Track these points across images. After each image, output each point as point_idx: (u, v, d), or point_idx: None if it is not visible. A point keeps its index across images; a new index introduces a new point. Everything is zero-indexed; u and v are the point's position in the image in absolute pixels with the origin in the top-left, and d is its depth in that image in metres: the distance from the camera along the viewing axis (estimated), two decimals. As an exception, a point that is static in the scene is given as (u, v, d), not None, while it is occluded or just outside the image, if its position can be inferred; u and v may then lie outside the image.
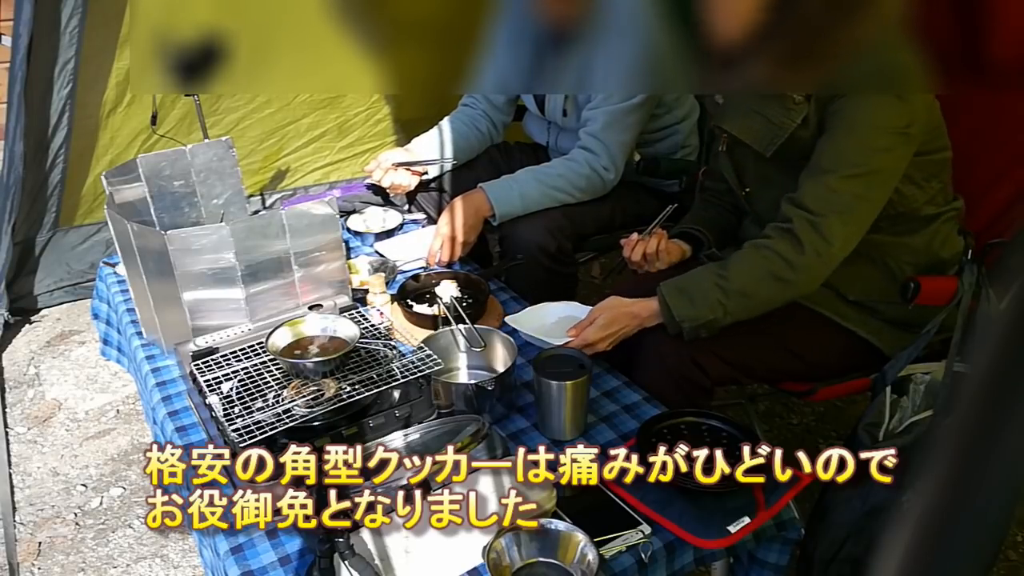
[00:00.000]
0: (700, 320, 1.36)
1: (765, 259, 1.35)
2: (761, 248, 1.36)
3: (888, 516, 1.21)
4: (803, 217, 1.33)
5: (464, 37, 1.64)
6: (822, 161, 1.32)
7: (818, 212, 1.31)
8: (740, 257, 1.38)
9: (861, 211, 1.32)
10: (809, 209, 1.32)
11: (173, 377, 1.57)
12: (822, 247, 1.32)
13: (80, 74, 2.44)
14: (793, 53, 1.28)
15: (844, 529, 1.27)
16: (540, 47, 1.78)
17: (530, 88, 2.03)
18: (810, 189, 1.33)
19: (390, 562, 1.04)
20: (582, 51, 1.74)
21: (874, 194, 1.33)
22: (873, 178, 1.31)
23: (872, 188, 1.32)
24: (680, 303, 1.37)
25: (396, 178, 2.05)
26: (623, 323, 1.43)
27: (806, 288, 1.38)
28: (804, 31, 1.19)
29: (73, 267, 2.80)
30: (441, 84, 2.06)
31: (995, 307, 0.28)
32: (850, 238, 1.34)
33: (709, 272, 1.39)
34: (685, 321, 1.37)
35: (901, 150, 1.31)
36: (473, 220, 1.88)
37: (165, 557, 1.81)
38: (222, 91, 2.66)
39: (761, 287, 1.36)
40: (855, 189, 1.30)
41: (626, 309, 1.44)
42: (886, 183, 1.33)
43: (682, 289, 1.39)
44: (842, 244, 1.33)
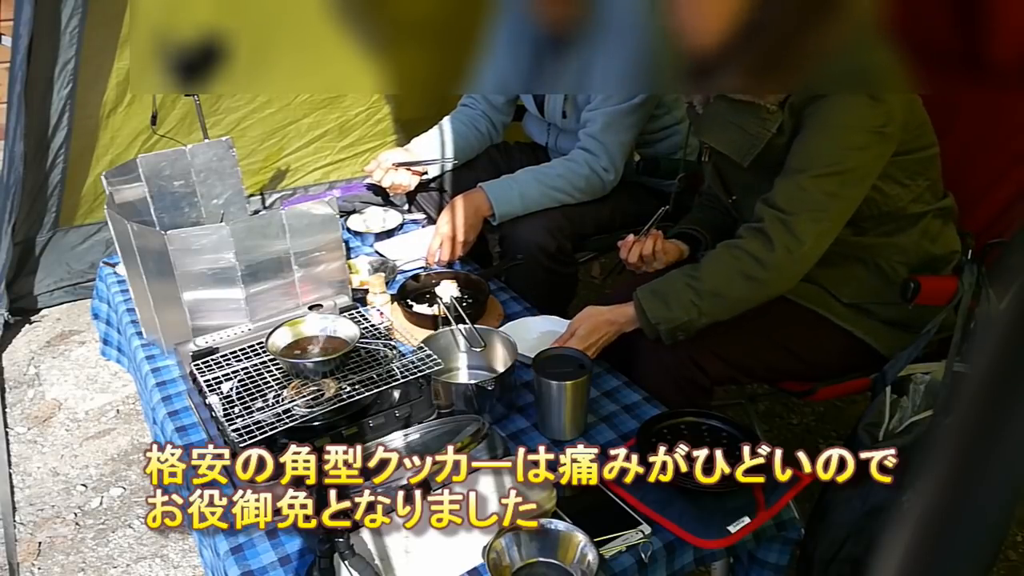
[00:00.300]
0: (675, 322, 1.37)
1: (736, 259, 1.36)
2: (732, 248, 1.37)
3: (888, 516, 1.21)
4: (774, 216, 1.33)
5: (463, 37, 1.64)
6: (794, 161, 1.33)
7: (789, 211, 1.32)
8: (712, 257, 1.39)
9: (833, 209, 1.32)
10: (780, 208, 1.33)
11: (173, 377, 1.57)
12: (793, 245, 1.32)
13: (80, 74, 2.44)
14: (765, 60, 1.28)
15: (844, 529, 1.27)
16: (539, 48, 1.79)
17: (529, 88, 2.03)
18: (782, 188, 1.34)
19: (390, 562, 1.04)
20: (581, 52, 1.74)
21: (848, 192, 1.32)
22: (847, 176, 1.31)
23: (845, 186, 1.32)
24: (654, 305, 1.38)
25: (396, 178, 2.05)
26: (603, 331, 1.46)
27: (779, 287, 1.39)
28: (775, 37, 1.19)
29: (73, 267, 2.80)
30: (441, 84, 2.06)
31: (995, 307, 0.28)
32: (822, 236, 1.34)
33: (681, 274, 1.39)
34: (661, 323, 1.37)
35: (877, 149, 1.31)
36: (473, 220, 1.88)
37: (165, 557, 1.81)
38: (222, 91, 2.66)
39: (733, 286, 1.36)
40: (827, 187, 1.30)
41: (603, 317, 1.46)
42: (861, 181, 1.33)
43: (656, 292, 1.40)
44: (814, 242, 1.33)
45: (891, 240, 1.43)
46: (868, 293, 1.46)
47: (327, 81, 2.13)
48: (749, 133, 1.35)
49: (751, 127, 1.35)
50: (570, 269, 1.97)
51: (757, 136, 1.34)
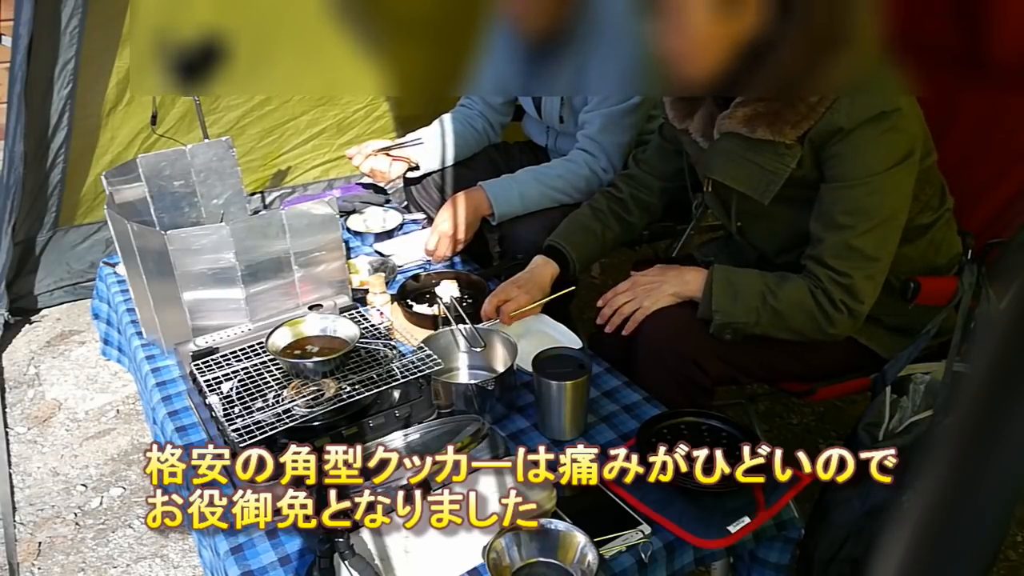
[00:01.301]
0: (734, 319, 1.37)
1: (813, 297, 1.35)
2: (814, 287, 1.36)
3: (888, 516, 1.21)
4: (830, 278, 1.33)
5: (461, 38, 1.64)
6: (837, 216, 1.31)
7: (844, 271, 1.32)
8: (794, 283, 1.37)
9: (884, 258, 1.33)
10: (835, 269, 1.33)
11: (173, 377, 1.57)
12: (854, 304, 1.33)
13: (80, 74, 2.44)
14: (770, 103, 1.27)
15: (844, 529, 1.27)
16: (532, 52, 1.79)
17: (526, 91, 2.03)
18: (832, 248, 1.33)
19: (390, 562, 1.04)
20: (574, 55, 1.75)
21: (894, 235, 1.33)
22: (891, 222, 1.32)
23: (890, 232, 1.32)
24: (723, 293, 1.38)
25: (376, 164, 2.01)
26: (670, 278, 1.48)
27: (836, 336, 1.38)
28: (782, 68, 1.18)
29: (73, 267, 2.80)
30: (439, 85, 2.06)
31: (995, 307, 0.28)
32: (877, 288, 1.35)
33: (761, 279, 1.39)
34: (719, 313, 1.38)
35: (908, 177, 1.31)
36: (472, 218, 1.88)
37: (165, 557, 1.81)
38: (222, 92, 2.66)
39: (798, 319, 1.37)
40: (876, 240, 1.31)
41: (674, 271, 1.49)
42: (902, 214, 1.33)
43: (732, 282, 1.39)
44: (871, 294, 1.34)
45: (900, 251, 1.43)
46: (877, 307, 1.46)
47: (327, 82, 2.12)
48: (767, 170, 1.34)
49: (768, 163, 1.33)
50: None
51: (776, 172, 1.33)
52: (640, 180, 1.73)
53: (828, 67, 1.13)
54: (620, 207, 1.72)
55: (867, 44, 1.19)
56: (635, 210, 1.72)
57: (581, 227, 1.70)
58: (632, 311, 1.48)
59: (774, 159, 1.33)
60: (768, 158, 1.33)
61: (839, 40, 1.09)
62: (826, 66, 1.13)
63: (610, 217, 1.71)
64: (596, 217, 1.71)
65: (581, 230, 1.70)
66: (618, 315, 1.49)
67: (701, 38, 1.17)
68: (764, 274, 1.41)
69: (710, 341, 1.41)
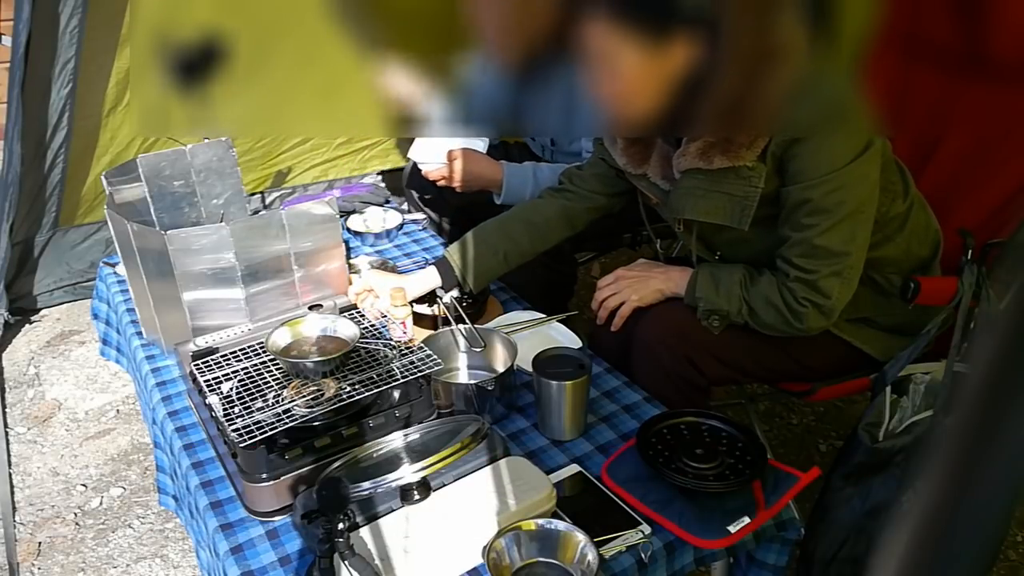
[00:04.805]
0: (716, 306, 1.39)
1: (780, 293, 1.36)
2: (782, 283, 1.36)
3: (888, 516, 1.21)
4: (795, 276, 1.33)
5: (461, 39, 1.63)
6: (800, 217, 1.30)
7: (809, 268, 1.31)
8: (767, 277, 1.38)
9: (853, 254, 1.32)
10: (799, 266, 1.32)
11: (173, 377, 1.57)
12: (821, 300, 1.33)
13: (80, 74, 2.44)
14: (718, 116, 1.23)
15: (844, 529, 1.27)
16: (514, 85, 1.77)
17: (515, 130, 2.04)
18: (796, 247, 1.32)
19: (390, 562, 1.04)
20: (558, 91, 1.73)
21: (861, 230, 1.31)
22: (856, 216, 1.30)
23: (858, 226, 1.31)
24: (707, 283, 1.41)
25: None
26: (656, 274, 1.50)
27: (807, 332, 1.38)
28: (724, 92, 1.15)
29: (73, 267, 2.80)
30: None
31: (995, 307, 0.28)
32: (846, 283, 1.33)
33: (743, 272, 1.40)
34: (702, 300, 1.41)
35: (873, 168, 1.29)
36: (475, 185, 1.92)
37: (165, 557, 1.81)
38: (221, 93, 2.66)
39: (769, 314, 1.37)
40: (840, 237, 1.29)
41: (660, 268, 1.52)
42: (868, 208, 1.31)
43: (714, 274, 1.42)
44: (839, 292, 1.33)
45: (882, 252, 1.42)
46: (867, 308, 1.45)
47: (328, 85, 2.12)
48: (736, 196, 1.32)
49: (737, 189, 1.32)
50: (570, 269, 1.97)
51: (747, 196, 1.31)
52: (572, 196, 1.67)
53: (768, 83, 1.12)
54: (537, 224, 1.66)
55: (802, 53, 1.17)
56: (557, 227, 1.67)
57: (483, 242, 1.65)
58: (618, 304, 1.50)
59: (740, 184, 1.31)
60: (734, 184, 1.32)
61: (773, 54, 1.08)
62: (767, 83, 1.12)
63: (523, 234, 1.66)
64: (503, 232, 1.65)
65: (483, 244, 1.65)
66: (603, 309, 1.52)
67: (635, 80, 1.15)
68: (747, 267, 1.42)
69: (707, 342, 1.42)
